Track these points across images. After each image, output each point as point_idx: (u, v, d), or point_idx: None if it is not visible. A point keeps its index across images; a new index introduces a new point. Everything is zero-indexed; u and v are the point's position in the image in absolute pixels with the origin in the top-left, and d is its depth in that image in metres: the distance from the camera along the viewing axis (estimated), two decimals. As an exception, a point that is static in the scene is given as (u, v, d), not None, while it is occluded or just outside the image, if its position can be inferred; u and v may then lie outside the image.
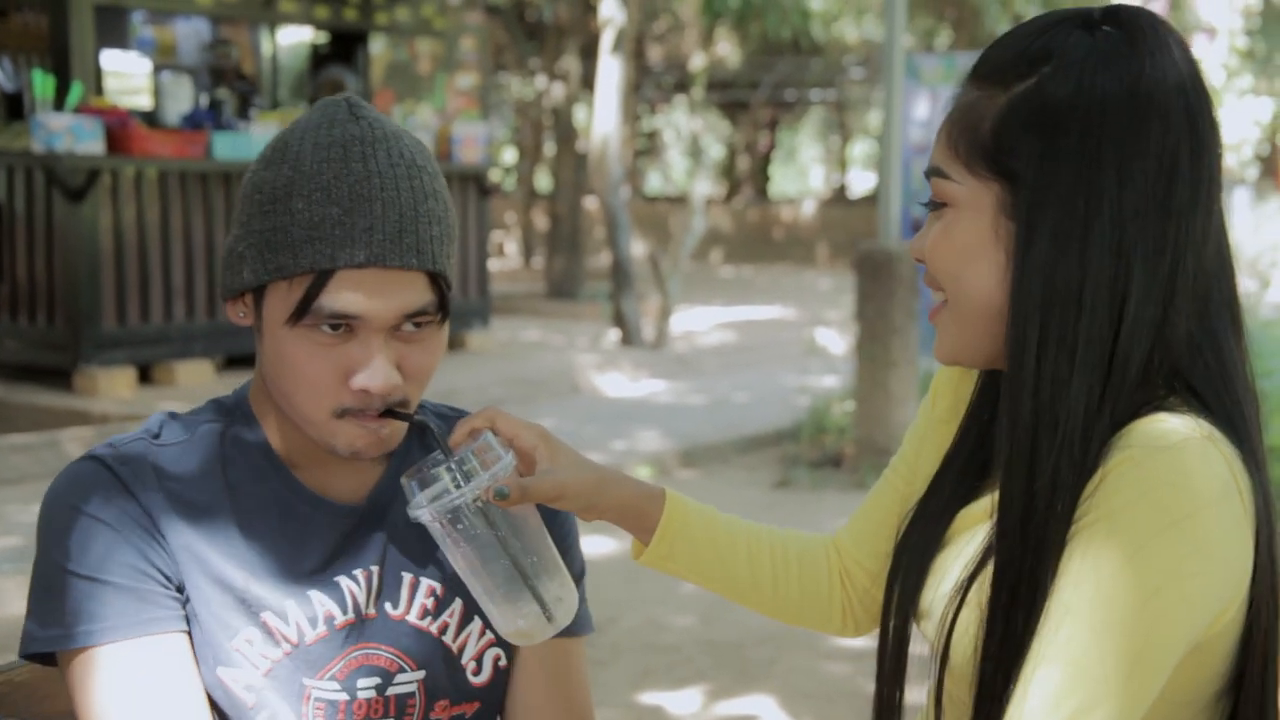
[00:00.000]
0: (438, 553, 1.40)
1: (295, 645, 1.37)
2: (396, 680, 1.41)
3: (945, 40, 17.70)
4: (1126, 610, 1.13)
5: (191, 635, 1.35)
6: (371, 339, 1.31)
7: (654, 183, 28.26)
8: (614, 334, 10.94)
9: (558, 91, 14.79)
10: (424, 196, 1.32)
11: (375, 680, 1.40)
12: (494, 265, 14.13)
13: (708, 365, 10.48)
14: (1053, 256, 1.20)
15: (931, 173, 1.28)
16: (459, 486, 1.26)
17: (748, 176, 25.24)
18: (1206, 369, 1.23)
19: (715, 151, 26.47)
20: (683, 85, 20.97)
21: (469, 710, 1.46)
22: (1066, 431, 1.20)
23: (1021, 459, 1.22)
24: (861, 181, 28.42)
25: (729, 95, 22.67)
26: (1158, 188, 1.19)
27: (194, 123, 8.26)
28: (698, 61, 18.42)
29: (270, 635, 1.36)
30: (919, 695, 1.38)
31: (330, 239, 1.28)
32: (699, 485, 6.95)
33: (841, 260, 19.58)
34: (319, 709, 1.38)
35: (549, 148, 17.56)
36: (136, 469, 1.35)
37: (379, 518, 1.42)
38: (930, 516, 1.38)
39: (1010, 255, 1.23)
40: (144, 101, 8.91)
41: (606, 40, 10.81)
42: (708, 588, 1.49)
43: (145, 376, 8.01)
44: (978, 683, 1.24)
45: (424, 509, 1.26)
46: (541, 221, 18.67)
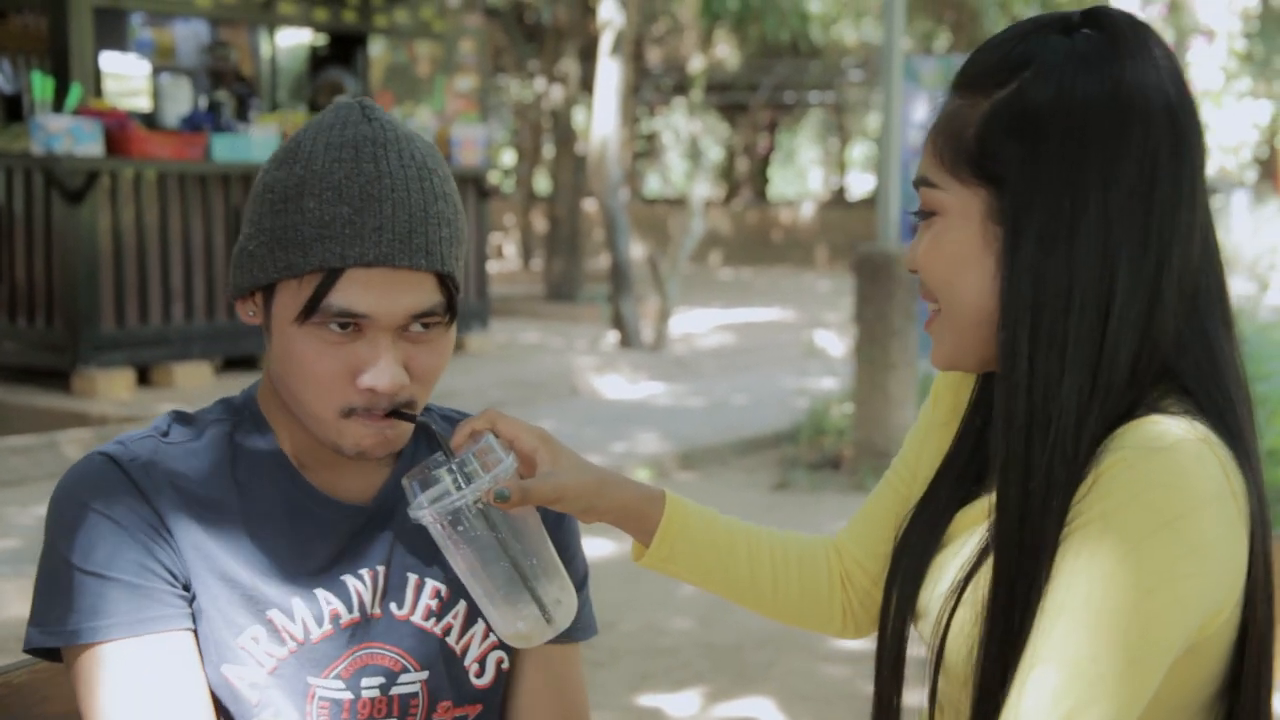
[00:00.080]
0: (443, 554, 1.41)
1: (301, 643, 1.37)
2: (400, 680, 1.42)
3: (944, 43, 17.72)
4: (1120, 610, 1.14)
5: (197, 633, 1.35)
6: (379, 338, 1.31)
7: (653, 185, 28.28)
8: (613, 336, 10.94)
9: (557, 94, 14.79)
10: (434, 198, 1.33)
11: (379, 680, 1.40)
12: (493, 267, 14.13)
13: (706, 367, 10.48)
14: (1040, 258, 1.21)
15: (919, 183, 1.29)
16: (460, 488, 1.26)
17: (747, 179, 25.25)
18: (1198, 366, 1.24)
19: (714, 154, 26.49)
20: (681, 87, 20.97)
21: (472, 712, 1.46)
22: (1059, 430, 1.21)
23: (1017, 460, 1.23)
24: (860, 184, 28.45)
25: (728, 97, 22.68)
26: (1140, 186, 1.20)
27: (193, 124, 8.26)
28: (696, 64, 18.41)
29: (276, 633, 1.37)
30: (920, 697, 1.38)
31: (340, 238, 1.29)
32: (698, 487, 6.95)
33: (840, 262, 19.59)
34: (323, 707, 1.38)
35: (548, 150, 17.56)
36: (146, 466, 1.36)
37: (386, 518, 1.43)
38: (929, 518, 1.38)
39: (999, 260, 1.24)
40: (143, 103, 8.91)
41: (605, 42, 10.82)
42: (708, 589, 1.49)
43: (144, 378, 8.01)
44: (976, 683, 1.24)
45: (425, 510, 1.27)
46: (540, 224, 18.67)
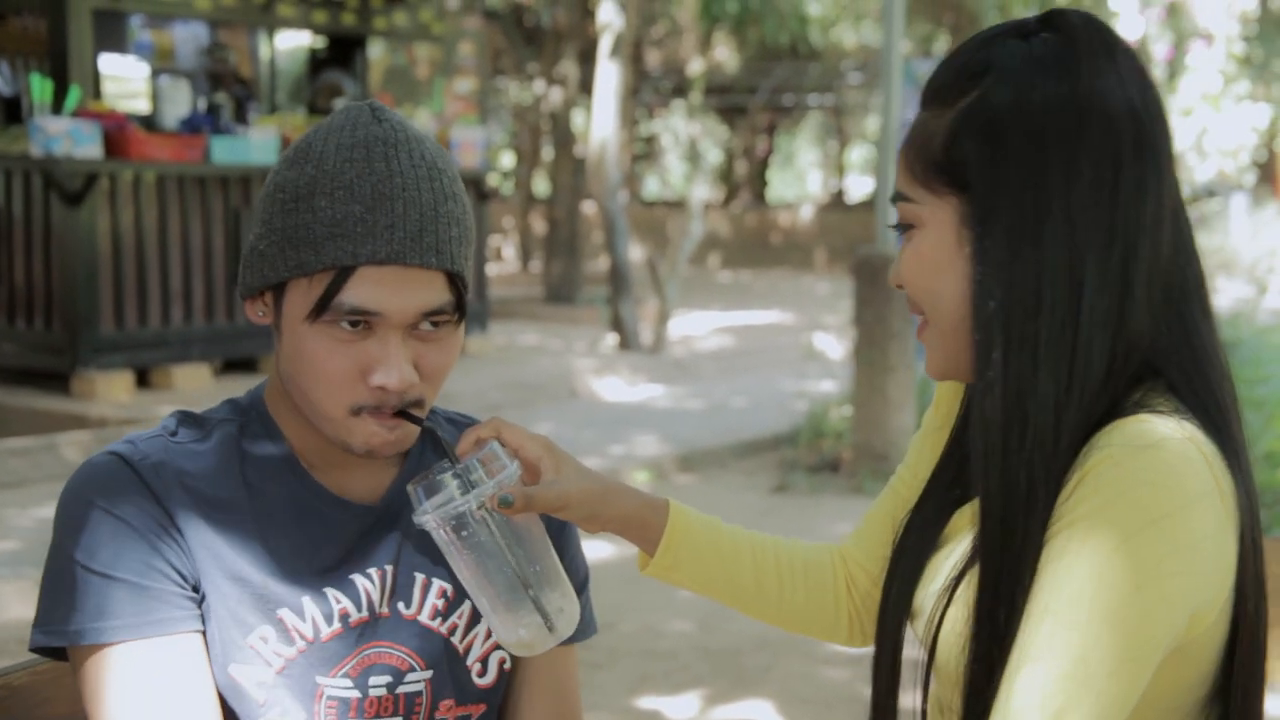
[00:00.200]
0: None
1: (310, 642, 1.38)
2: (407, 679, 1.42)
3: (943, 45, 17.72)
4: (1107, 609, 1.15)
5: (206, 634, 1.35)
6: (390, 336, 1.32)
7: (652, 187, 28.29)
8: (612, 338, 10.94)
9: (556, 96, 14.80)
10: (444, 198, 1.34)
11: (387, 679, 1.41)
12: (492, 269, 14.14)
13: (705, 370, 10.48)
14: (1007, 259, 1.23)
15: (895, 198, 1.32)
16: (464, 493, 1.27)
17: (746, 181, 25.25)
18: (1182, 362, 1.25)
19: (713, 156, 26.51)
20: (681, 90, 20.99)
21: (475, 712, 1.47)
22: (1037, 428, 1.22)
23: (995, 458, 1.24)
24: (859, 186, 28.46)
25: (727, 100, 22.69)
26: (1102, 183, 1.22)
27: (192, 127, 8.26)
28: (696, 66, 18.40)
29: (285, 633, 1.37)
30: (917, 699, 1.38)
31: (352, 236, 1.30)
32: (697, 490, 6.95)
33: (839, 265, 19.60)
34: (331, 706, 1.39)
35: (547, 152, 17.56)
36: (156, 466, 1.36)
37: (394, 518, 1.43)
38: (925, 520, 1.39)
39: (969, 263, 1.26)
40: (142, 105, 8.90)
41: (604, 45, 10.82)
42: (713, 598, 1.50)
43: (143, 380, 8.01)
44: (965, 682, 1.25)
45: (429, 515, 1.27)
46: (539, 226, 18.68)
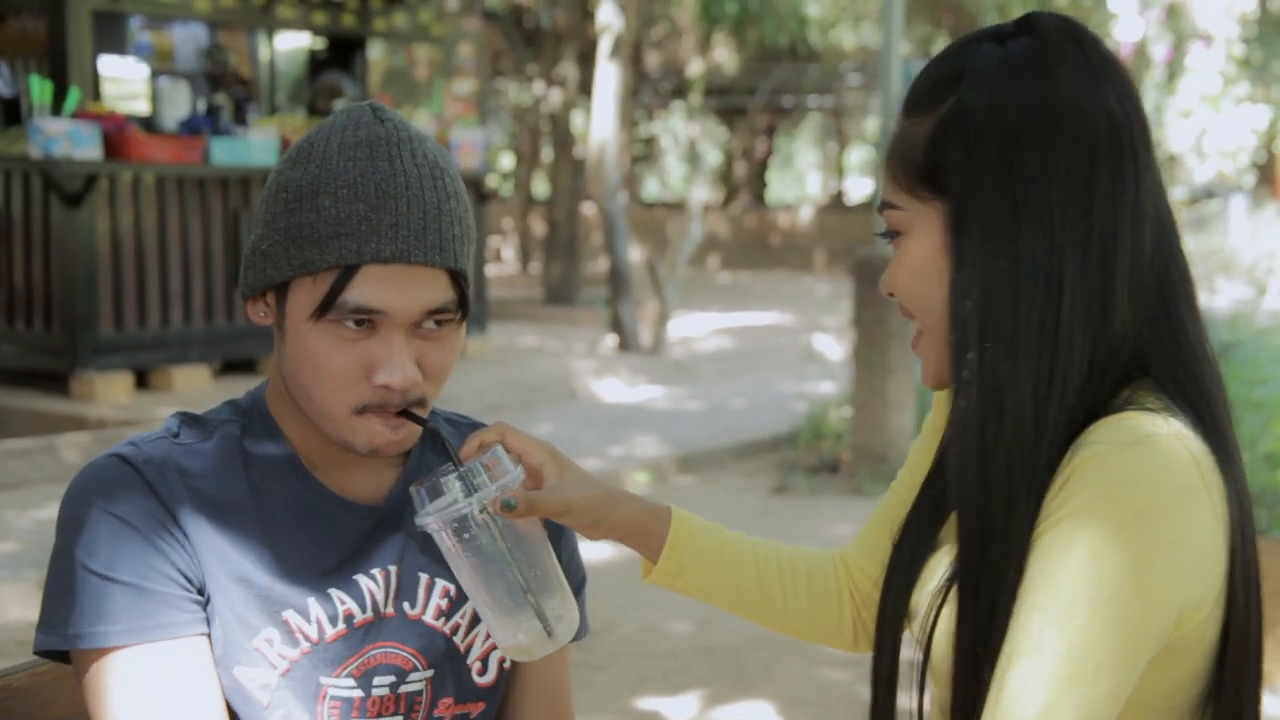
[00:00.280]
0: None
1: (315, 643, 1.38)
2: (409, 679, 1.42)
3: (942, 47, 17.74)
4: (1094, 605, 1.15)
5: (210, 636, 1.35)
6: (393, 335, 1.32)
7: (651, 189, 28.30)
8: (611, 340, 10.94)
9: (555, 97, 14.79)
10: (446, 196, 1.34)
11: (390, 678, 1.41)
12: (491, 271, 14.15)
13: (705, 371, 10.48)
14: (984, 256, 1.24)
15: (882, 207, 1.33)
16: (467, 497, 1.27)
17: (745, 182, 25.25)
18: (1170, 358, 1.26)
19: (712, 157, 26.51)
20: (680, 91, 20.98)
21: (474, 710, 1.47)
22: (1016, 423, 1.22)
23: (971, 457, 1.25)
24: (859, 188, 28.48)
25: (726, 101, 22.69)
26: (1078, 178, 1.23)
27: (191, 128, 8.25)
28: (695, 67, 18.41)
29: (290, 634, 1.37)
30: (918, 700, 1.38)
31: (356, 234, 1.30)
32: (696, 491, 6.95)
33: (839, 266, 19.60)
34: (334, 707, 1.39)
35: (546, 153, 17.56)
36: (160, 468, 1.36)
37: (397, 518, 1.43)
38: (922, 522, 1.40)
39: (948, 262, 1.27)
40: (141, 107, 8.90)
41: (604, 46, 10.82)
42: (717, 605, 1.50)
43: (142, 382, 8.01)
44: (950, 680, 1.25)
45: (431, 517, 1.27)
46: (539, 227, 18.68)
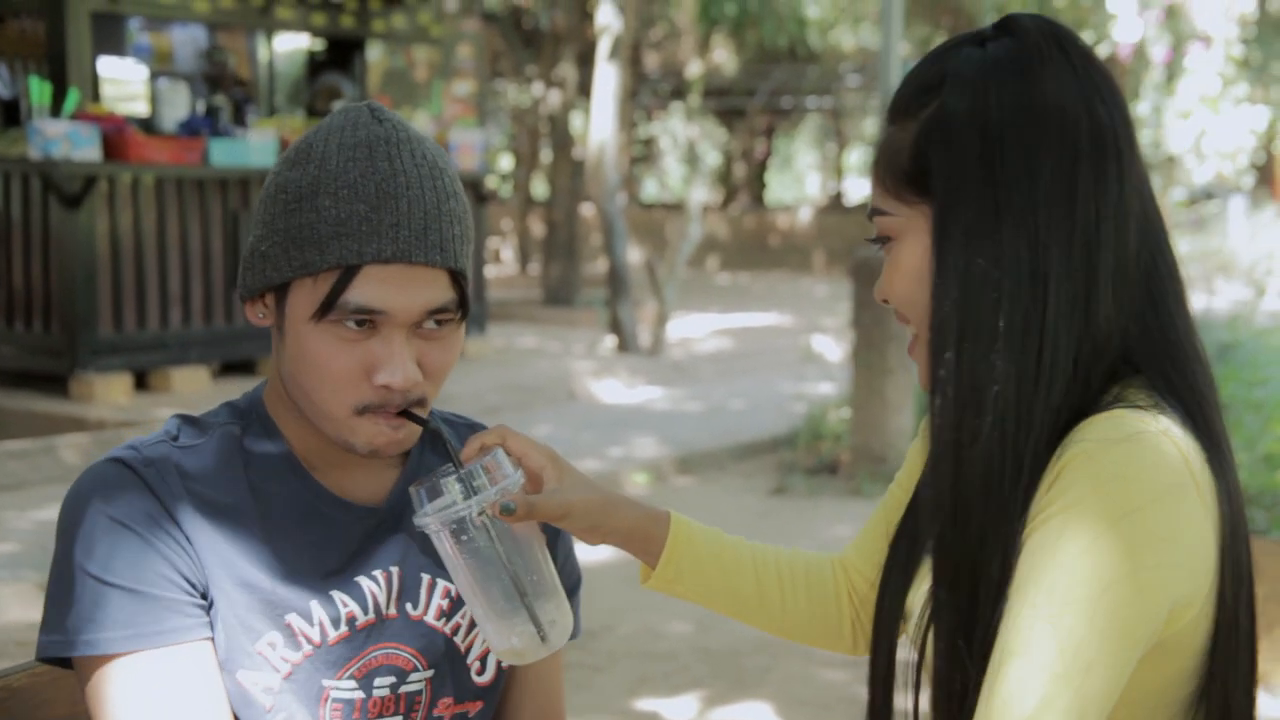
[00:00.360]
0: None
1: (317, 646, 1.37)
2: (410, 679, 1.42)
3: (941, 48, 17.71)
4: (1085, 603, 1.15)
5: (213, 640, 1.34)
6: (394, 335, 1.32)
7: (650, 190, 28.29)
8: (610, 341, 10.94)
9: (554, 98, 14.79)
10: (446, 196, 1.34)
11: (391, 679, 1.41)
12: (490, 272, 14.14)
13: (704, 372, 10.48)
14: (967, 255, 1.25)
15: (872, 213, 1.34)
16: (466, 499, 1.27)
17: (744, 183, 25.25)
18: (1156, 353, 1.26)
19: (712, 158, 26.50)
20: (679, 92, 20.98)
21: (473, 709, 1.47)
22: (997, 419, 1.22)
23: (947, 451, 1.25)
24: (858, 189, 28.45)
25: (725, 102, 22.69)
26: (1061, 175, 1.24)
27: (191, 129, 8.25)
28: (694, 69, 18.41)
29: (293, 637, 1.37)
30: (919, 700, 1.38)
31: (357, 235, 1.30)
32: (695, 492, 6.96)
33: (838, 267, 19.60)
34: (336, 709, 1.38)
35: (545, 154, 17.56)
36: (161, 472, 1.35)
37: (397, 519, 1.43)
38: (916, 524, 1.40)
39: (931, 263, 1.28)
40: (141, 108, 8.90)
41: (603, 47, 10.82)
42: (716, 609, 1.50)
43: (141, 383, 8.01)
44: (931, 677, 1.27)
45: (430, 518, 1.27)
46: (538, 228, 18.68)
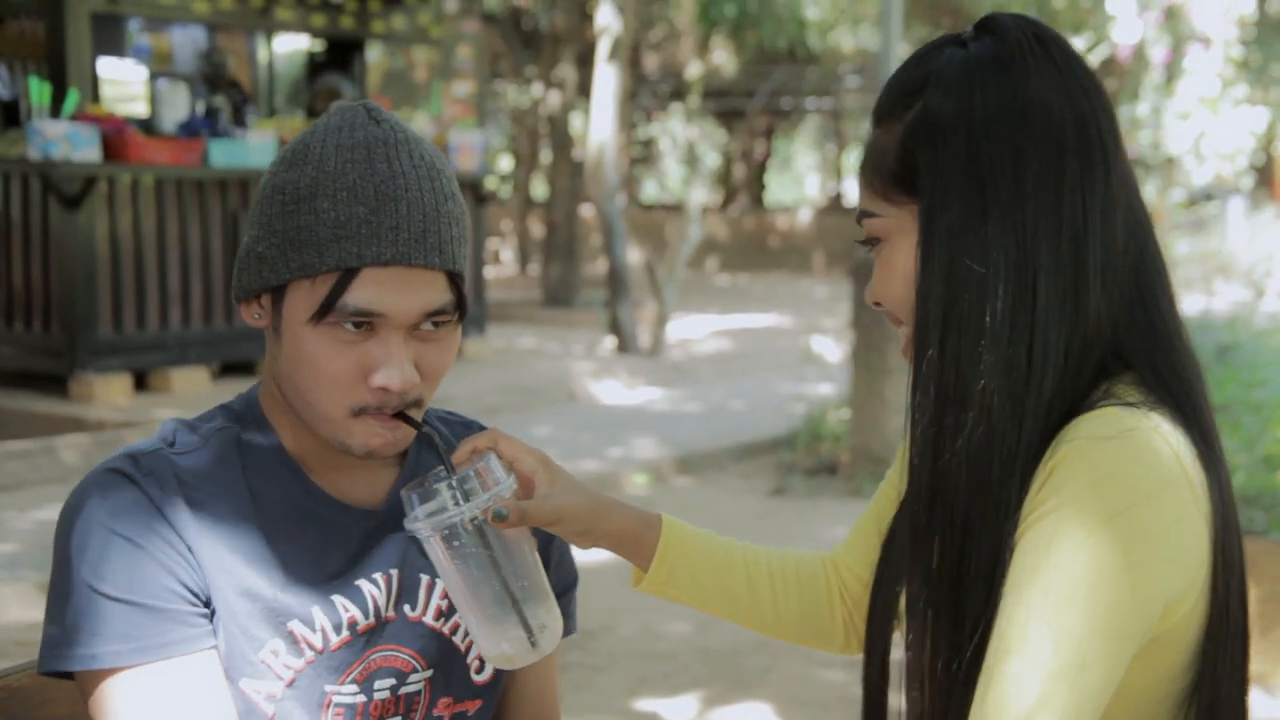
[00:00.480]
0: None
1: (320, 652, 1.37)
2: (409, 680, 1.42)
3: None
4: (1080, 601, 1.16)
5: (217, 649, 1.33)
6: (392, 337, 1.32)
7: (650, 191, 28.29)
8: (610, 342, 10.94)
9: (554, 99, 14.80)
10: (444, 198, 1.34)
11: (391, 681, 1.41)
12: (490, 273, 14.14)
13: (704, 373, 10.48)
14: (954, 251, 1.25)
15: (861, 216, 1.35)
16: (458, 504, 1.26)
17: (744, 184, 25.25)
18: (1146, 348, 1.27)
19: (711, 159, 26.49)
20: (679, 93, 20.97)
21: (471, 708, 1.47)
22: (983, 411, 1.23)
23: (927, 445, 1.26)
24: (857, 190, 28.41)
25: (725, 103, 22.68)
26: (1047, 171, 1.25)
27: (190, 130, 8.25)
28: (694, 70, 18.41)
29: (295, 644, 1.36)
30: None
31: (356, 237, 1.29)
32: (695, 493, 6.96)
33: (837, 268, 19.59)
34: (338, 713, 1.38)
35: (545, 155, 17.55)
36: (160, 480, 1.33)
37: (396, 521, 1.42)
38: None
39: (917, 261, 1.29)
40: (140, 109, 8.91)
41: (602, 48, 10.83)
42: (709, 611, 1.51)
43: (141, 383, 8.01)
44: (905, 669, 1.28)
45: (421, 523, 1.26)
46: (537, 229, 18.68)
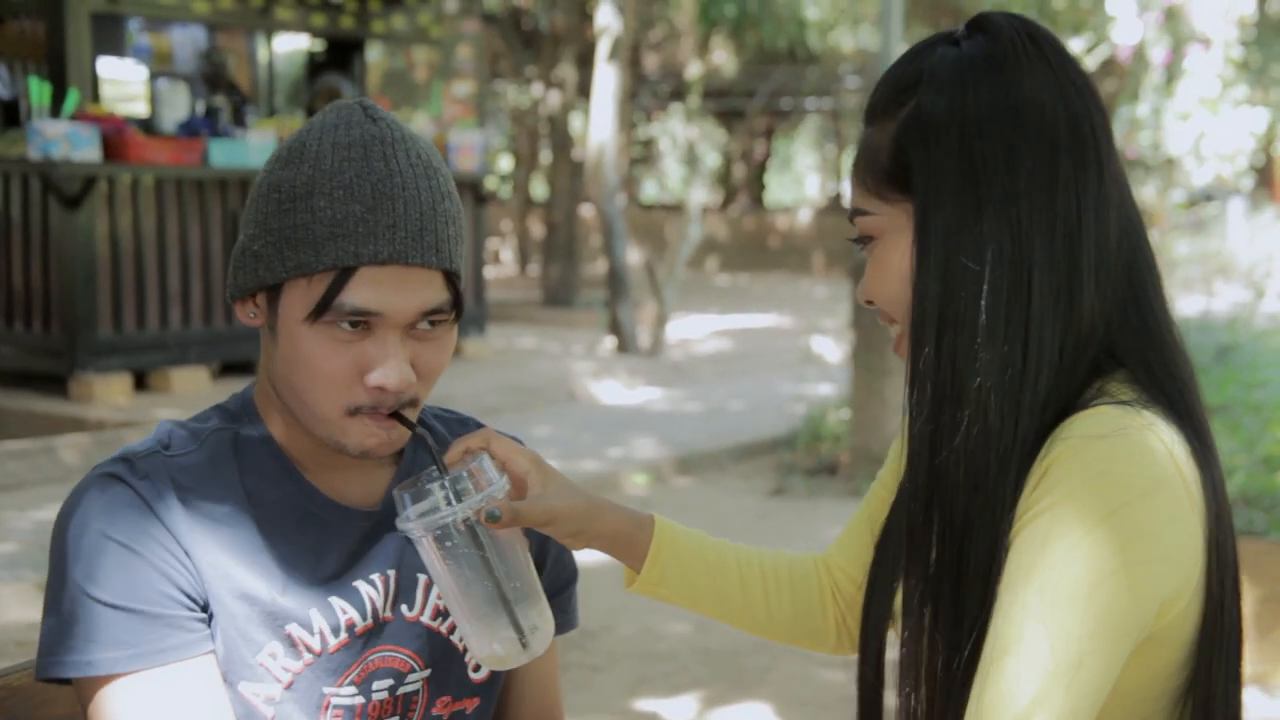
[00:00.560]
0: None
1: (318, 654, 1.36)
2: (407, 680, 1.42)
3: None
4: (1074, 600, 1.16)
5: (214, 653, 1.33)
6: (388, 336, 1.31)
7: (650, 191, 28.29)
8: (610, 342, 10.94)
9: (554, 99, 14.80)
10: (441, 196, 1.34)
11: (389, 682, 1.41)
12: (490, 273, 14.15)
13: (704, 373, 10.48)
14: (949, 249, 1.25)
15: (853, 214, 1.35)
16: (450, 504, 1.26)
17: (743, 185, 25.25)
18: (1139, 346, 1.27)
19: (711, 160, 26.49)
20: (679, 93, 20.98)
21: (470, 705, 1.47)
22: (980, 409, 1.23)
23: (924, 443, 1.26)
24: (857, 190, 28.41)
25: (725, 104, 22.69)
26: (1041, 169, 1.25)
27: (190, 130, 8.26)
28: (694, 70, 18.41)
29: (293, 647, 1.35)
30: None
31: (354, 236, 1.29)
32: (695, 493, 6.96)
33: (837, 268, 19.60)
34: (337, 715, 1.38)
35: (545, 155, 17.55)
36: (156, 485, 1.32)
37: (393, 521, 1.40)
38: (902, 523, 1.40)
39: (912, 259, 1.28)
40: (140, 109, 8.91)
41: (602, 48, 10.83)
42: (701, 612, 1.51)
43: (141, 383, 8.01)
44: (899, 666, 1.28)
45: (413, 523, 1.26)
46: (537, 229, 18.68)
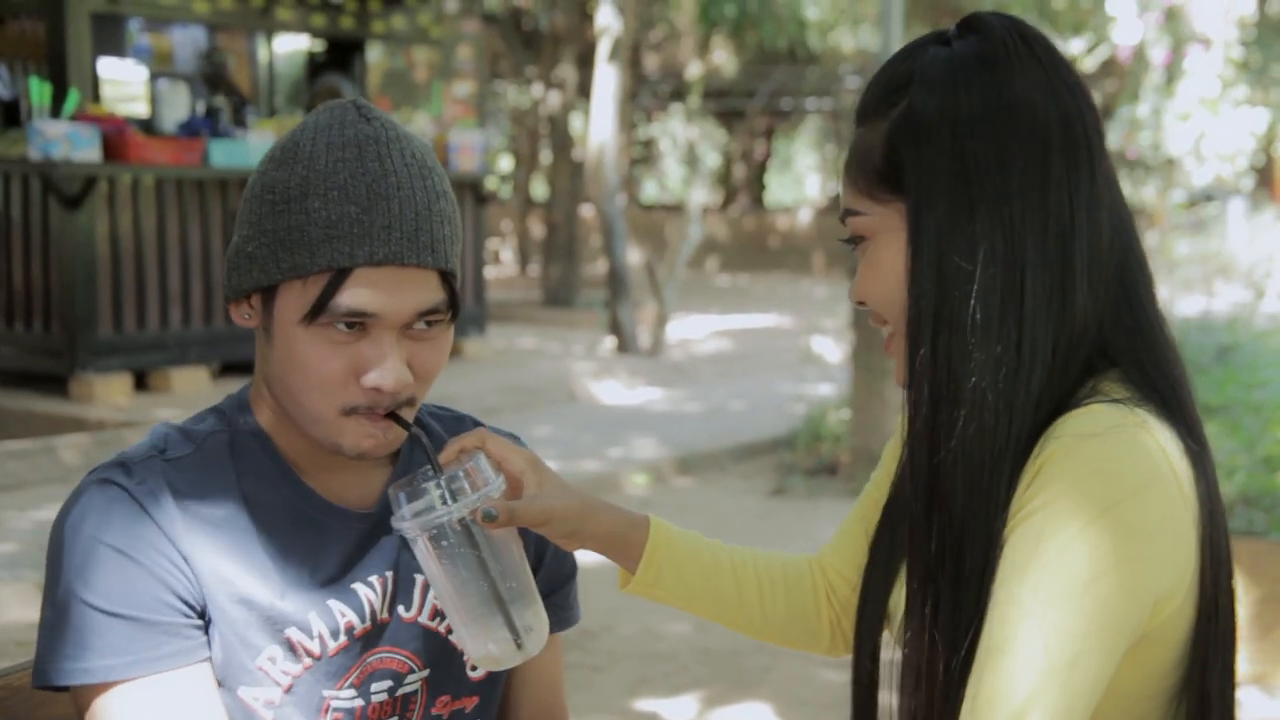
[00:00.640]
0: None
1: (317, 658, 1.36)
2: (406, 681, 1.42)
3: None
4: (1069, 598, 1.16)
5: (212, 658, 1.32)
6: (384, 337, 1.31)
7: (650, 191, 28.29)
8: (610, 342, 10.94)
9: (554, 100, 14.80)
10: (436, 196, 1.33)
11: (388, 683, 1.40)
12: (490, 273, 14.14)
13: (704, 373, 10.48)
14: (942, 249, 1.25)
15: (845, 215, 1.35)
16: (446, 504, 1.25)
17: (744, 185, 25.26)
18: (1132, 345, 1.27)
19: (711, 160, 26.49)
20: (679, 94, 20.98)
21: (469, 704, 1.47)
22: (975, 409, 1.23)
23: (923, 444, 1.26)
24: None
25: (725, 104, 22.69)
26: (1033, 167, 1.25)
27: (191, 130, 8.26)
28: (694, 70, 18.41)
29: (293, 651, 1.35)
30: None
31: (348, 237, 1.28)
32: (695, 493, 6.96)
33: (837, 268, 19.60)
34: (337, 718, 1.37)
35: (545, 156, 17.55)
36: (154, 490, 1.32)
37: (389, 522, 1.41)
38: (898, 523, 1.40)
39: (906, 259, 1.28)
40: (141, 109, 8.91)
41: (603, 48, 10.83)
42: (696, 612, 1.50)
43: (141, 383, 8.01)
44: (901, 668, 1.28)
45: (408, 522, 1.26)
46: (537, 229, 18.68)
